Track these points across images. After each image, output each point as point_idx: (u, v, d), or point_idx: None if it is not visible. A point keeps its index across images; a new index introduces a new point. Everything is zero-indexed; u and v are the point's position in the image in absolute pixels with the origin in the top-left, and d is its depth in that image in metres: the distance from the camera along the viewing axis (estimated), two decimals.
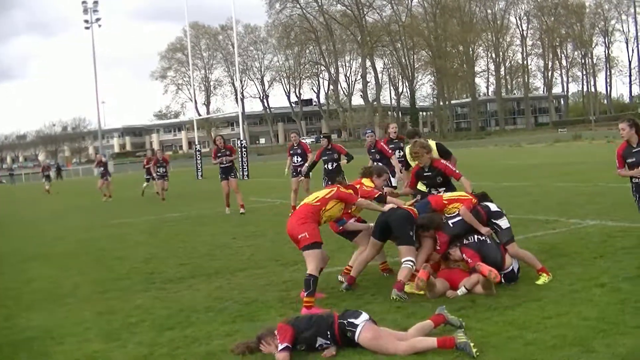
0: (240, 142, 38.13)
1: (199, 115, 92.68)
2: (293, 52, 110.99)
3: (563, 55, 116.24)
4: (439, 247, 7.07)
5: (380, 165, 8.39)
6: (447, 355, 4.76)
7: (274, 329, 5.04)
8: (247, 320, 6.26)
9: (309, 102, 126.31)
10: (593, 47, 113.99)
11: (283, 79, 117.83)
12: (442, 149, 9.33)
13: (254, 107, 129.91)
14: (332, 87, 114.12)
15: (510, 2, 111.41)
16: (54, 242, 13.79)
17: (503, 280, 6.63)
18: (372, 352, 4.92)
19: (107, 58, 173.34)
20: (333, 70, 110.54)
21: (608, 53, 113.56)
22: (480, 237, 6.96)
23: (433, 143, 9.21)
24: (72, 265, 10.44)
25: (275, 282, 7.92)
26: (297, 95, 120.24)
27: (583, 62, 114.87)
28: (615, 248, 8.17)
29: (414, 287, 6.50)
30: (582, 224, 10.32)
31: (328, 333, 5.01)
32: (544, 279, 6.75)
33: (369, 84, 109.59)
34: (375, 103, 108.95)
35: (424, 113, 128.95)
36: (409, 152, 8.66)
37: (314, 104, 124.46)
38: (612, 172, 7.38)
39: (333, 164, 14.10)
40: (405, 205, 7.32)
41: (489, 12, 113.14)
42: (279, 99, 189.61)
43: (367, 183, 7.57)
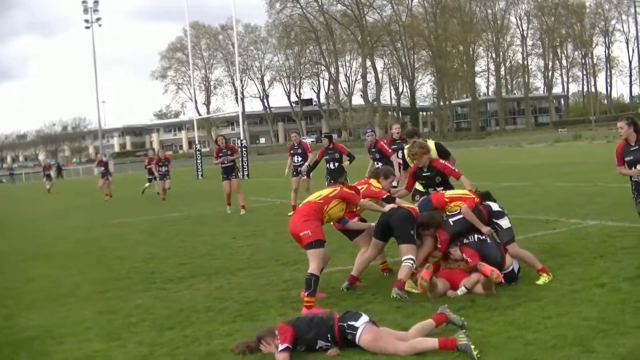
0: (241, 141, 38.14)
1: (199, 115, 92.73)
2: (293, 51, 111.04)
3: (563, 55, 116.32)
4: (440, 245, 7.07)
5: (388, 167, 8.36)
6: (447, 356, 4.76)
7: (274, 329, 5.04)
8: (247, 320, 6.26)
9: (309, 101, 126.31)
10: (593, 47, 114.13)
11: (283, 79, 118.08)
12: (441, 149, 9.30)
13: (254, 106, 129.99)
14: (332, 86, 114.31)
15: (511, 2, 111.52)
16: (54, 241, 13.80)
17: (503, 280, 6.63)
18: (371, 353, 4.92)
19: (107, 58, 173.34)
20: (333, 70, 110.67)
21: (608, 53, 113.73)
22: (481, 236, 6.95)
23: (432, 143, 9.19)
24: (72, 265, 10.45)
25: (276, 281, 7.93)
26: (297, 95, 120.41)
27: (583, 62, 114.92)
28: (615, 248, 8.17)
29: (418, 287, 6.49)
30: (582, 224, 10.33)
31: (328, 336, 5.01)
32: (544, 279, 6.75)
33: (369, 84, 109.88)
34: (376, 103, 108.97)
35: (424, 113, 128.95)
36: (408, 152, 8.62)
37: (314, 104, 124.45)
38: (612, 172, 7.39)
39: (335, 164, 14.09)
40: (407, 205, 7.33)
41: (489, 12, 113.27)
42: (279, 99, 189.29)
43: (375, 184, 7.57)
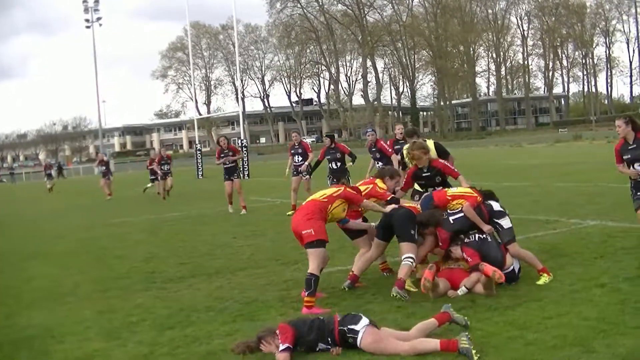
0: (241, 141, 38.15)
1: (200, 115, 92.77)
2: (294, 51, 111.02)
3: (564, 56, 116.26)
4: (441, 243, 7.08)
5: (394, 168, 8.34)
6: (447, 357, 4.76)
7: (275, 329, 5.04)
8: (247, 320, 6.26)
9: (310, 101, 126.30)
10: (594, 47, 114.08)
11: (284, 79, 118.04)
12: (440, 149, 9.25)
13: (255, 106, 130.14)
14: (332, 86, 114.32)
15: (511, 2, 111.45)
16: (55, 240, 13.80)
17: (505, 281, 6.62)
18: (372, 354, 4.91)
19: (107, 57, 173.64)
20: (334, 70, 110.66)
21: (609, 53, 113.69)
22: (481, 235, 6.95)
23: (431, 142, 9.16)
24: (72, 264, 10.45)
25: (276, 281, 7.92)
26: (297, 95, 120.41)
27: (584, 62, 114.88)
28: (616, 248, 8.17)
29: (421, 287, 6.48)
30: (582, 224, 10.33)
31: (329, 339, 5.01)
32: (545, 279, 6.75)
33: (370, 84, 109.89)
34: (376, 103, 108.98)
35: (425, 113, 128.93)
36: (407, 153, 8.52)
37: (315, 104, 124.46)
38: (612, 172, 7.39)
39: (337, 163, 14.07)
40: (408, 204, 7.34)
41: (490, 12, 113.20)
42: (280, 99, 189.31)
43: (380, 184, 7.57)
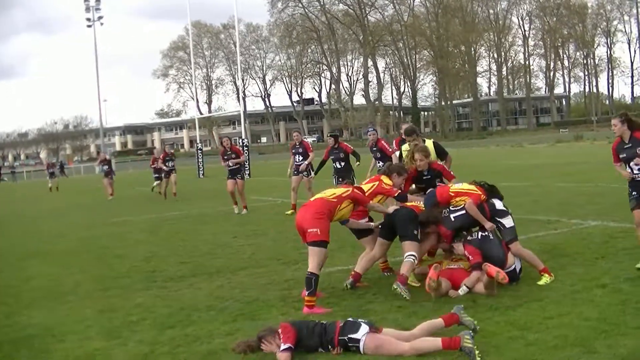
0: (242, 140, 38.17)
1: (201, 114, 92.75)
2: (295, 51, 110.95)
3: (565, 56, 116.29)
4: (445, 240, 7.11)
5: (401, 165, 8.24)
6: (447, 356, 4.75)
7: (275, 328, 5.04)
8: (248, 319, 6.26)
9: (311, 101, 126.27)
10: (595, 47, 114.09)
11: (285, 78, 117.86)
12: (439, 148, 9.24)
13: (256, 106, 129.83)
14: (333, 86, 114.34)
15: (513, 2, 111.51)
16: (55, 239, 13.80)
17: (508, 281, 6.60)
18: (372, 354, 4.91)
19: (108, 56, 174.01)
20: (335, 70, 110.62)
21: (610, 54, 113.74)
22: (484, 233, 6.95)
23: (430, 142, 9.15)
24: (73, 263, 10.45)
25: (277, 281, 7.92)
26: (298, 95, 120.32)
27: (585, 62, 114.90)
28: (617, 249, 8.16)
29: (426, 287, 6.47)
30: (583, 225, 10.32)
31: (329, 347, 5.00)
32: (546, 280, 6.74)
33: (371, 84, 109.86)
34: (377, 103, 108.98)
35: (426, 113, 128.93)
36: (407, 154, 8.33)
37: (316, 103, 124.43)
38: (613, 172, 7.37)
39: (341, 163, 14.03)
40: (411, 204, 7.36)
41: (491, 12, 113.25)
42: (281, 98, 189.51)
43: (386, 181, 7.55)
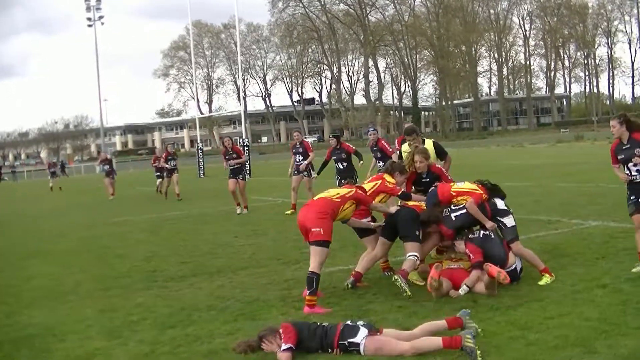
0: (243, 140, 38.17)
1: (201, 114, 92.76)
2: (295, 51, 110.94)
3: (566, 56, 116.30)
4: (447, 237, 7.13)
5: (403, 163, 8.19)
6: (447, 356, 4.75)
7: (276, 328, 5.04)
8: (248, 319, 6.26)
9: (311, 101, 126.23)
10: (596, 47, 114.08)
11: (285, 78, 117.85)
12: (439, 149, 9.21)
13: (257, 105, 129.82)
14: (334, 86, 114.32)
15: (513, 2, 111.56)
16: (56, 239, 13.81)
17: (509, 281, 6.60)
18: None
19: (109, 56, 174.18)
20: (335, 70, 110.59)
21: (611, 54, 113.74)
22: (485, 232, 6.96)
23: (430, 142, 9.13)
24: (73, 263, 10.45)
25: (277, 280, 7.92)
26: (299, 94, 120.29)
27: (586, 62, 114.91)
28: (617, 249, 8.16)
29: (428, 287, 6.48)
30: (584, 225, 10.33)
31: (329, 350, 5.00)
32: (547, 280, 6.74)
33: (372, 83, 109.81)
34: (378, 102, 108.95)
35: (426, 113, 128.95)
36: (407, 156, 8.22)
37: (316, 103, 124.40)
38: (614, 173, 7.35)
39: (343, 164, 13.98)
40: (412, 203, 7.39)
41: (492, 12, 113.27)
42: (281, 98, 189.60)
43: (389, 179, 7.54)
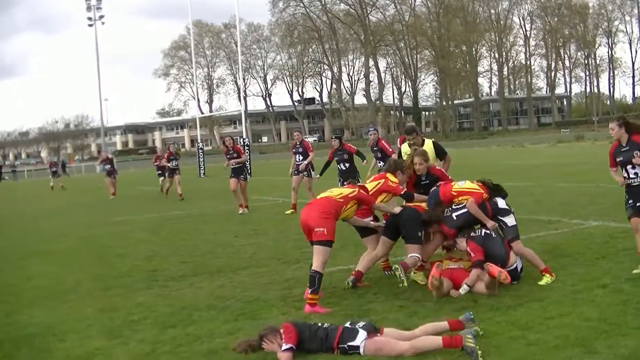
0: (243, 140, 38.16)
1: (202, 113, 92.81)
2: (296, 50, 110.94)
3: (566, 56, 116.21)
4: (449, 236, 7.14)
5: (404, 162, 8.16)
6: (447, 356, 4.75)
7: (277, 327, 5.04)
8: (249, 319, 6.26)
9: (312, 100, 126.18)
10: (596, 47, 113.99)
11: (286, 78, 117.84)
12: (438, 148, 9.19)
13: (257, 105, 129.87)
14: (334, 86, 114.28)
15: (514, 2, 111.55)
16: (56, 238, 13.81)
17: (510, 281, 6.60)
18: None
19: (109, 55, 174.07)
20: (336, 69, 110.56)
21: (611, 54, 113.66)
22: (487, 230, 6.97)
23: (430, 142, 9.12)
24: (73, 262, 10.45)
25: (277, 280, 7.92)
26: (299, 94, 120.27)
27: (586, 62, 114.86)
28: (617, 249, 8.17)
29: (429, 286, 6.48)
30: (584, 225, 10.32)
31: (329, 352, 5.00)
32: (547, 280, 6.74)
33: (372, 83, 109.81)
34: (378, 102, 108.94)
35: (427, 113, 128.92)
36: (408, 159, 8.12)
37: (317, 103, 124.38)
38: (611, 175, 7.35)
39: (345, 165, 13.94)
40: (413, 204, 7.41)
41: (493, 12, 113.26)
42: (282, 98, 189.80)
43: (392, 178, 7.53)
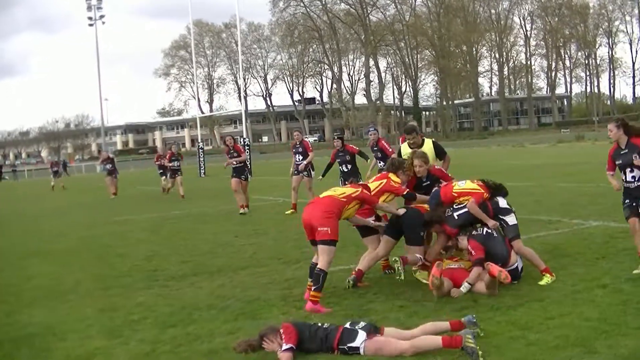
0: (244, 140, 38.16)
1: (202, 113, 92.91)
2: (296, 50, 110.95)
3: (566, 56, 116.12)
4: (451, 235, 7.15)
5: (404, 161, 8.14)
6: (447, 356, 4.75)
7: (277, 327, 5.04)
8: (249, 318, 6.26)
9: (312, 100, 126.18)
10: (597, 47, 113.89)
11: (286, 78, 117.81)
12: (438, 148, 9.15)
13: (257, 105, 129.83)
14: (335, 85, 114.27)
15: (514, 2, 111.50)
16: (56, 238, 13.80)
17: (510, 280, 6.60)
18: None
19: (110, 55, 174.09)
20: (336, 69, 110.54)
21: (611, 54, 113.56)
22: (488, 229, 6.98)
23: (430, 141, 9.11)
24: (73, 262, 10.45)
25: (278, 280, 7.92)
26: (300, 94, 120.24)
27: (586, 62, 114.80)
28: (617, 249, 8.17)
29: (429, 285, 6.49)
30: (584, 225, 10.32)
31: (329, 352, 5.00)
32: (547, 280, 6.74)
33: (372, 83, 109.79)
34: (379, 102, 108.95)
35: (427, 112, 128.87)
36: (408, 161, 8.02)
37: (317, 103, 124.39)
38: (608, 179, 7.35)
39: (347, 166, 13.85)
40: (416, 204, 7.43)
41: (493, 12, 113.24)
42: (282, 97, 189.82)
43: (394, 179, 7.53)
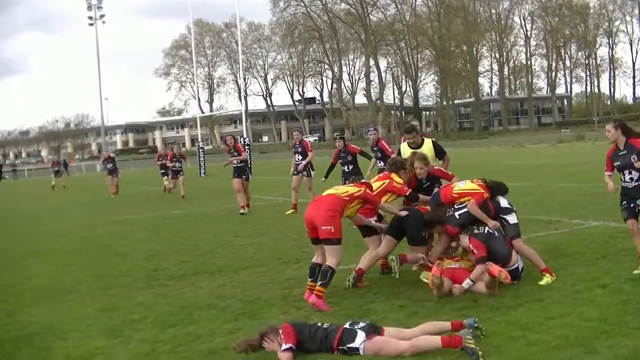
0: (244, 139, 38.14)
1: (202, 113, 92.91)
2: (297, 50, 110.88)
3: (567, 56, 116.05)
4: (453, 237, 7.16)
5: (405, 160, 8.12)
6: (447, 356, 4.75)
7: (277, 327, 5.05)
8: (249, 318, 6.27)
9: (312, 100, 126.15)
10: (597, 47, 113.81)
11: (286, 77, 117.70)
12: (438, 148, 9.17)
13: (257, 104, 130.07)
14: (335, 85, 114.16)
15: (515, 2, 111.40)
16: (56, 238, 13.80)
17: (510, 281, 6.60)
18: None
19: (110, 54, 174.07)
20: (336, 69, 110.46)
21: (612, 54, 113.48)
22: (489, 229, 6.98)
23: (429, 141, 9.12)
24: (74, 262, 10.46)
25: (278, 280, 7.93)
26: (300, 94, 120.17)
27: (587, 62, 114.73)
28: (617, 249, 8.17)
29: (429, 284, 6.49)
30: (584, 225, 10.32)
31: (329, 353, 5.00)
32: (547, 280, 6.75)
33: (373, 83, 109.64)
34: (379, 102, 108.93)
35: (427, 112, 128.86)
36: (408, 162, 7.96)
37: (317, 103, 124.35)
38: (614, 173, 7.33)
39: (349, 166, 13.86)
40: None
41: (493, 12, 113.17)
42: (282, 97, 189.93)
43: (396, 179, 7.53)
